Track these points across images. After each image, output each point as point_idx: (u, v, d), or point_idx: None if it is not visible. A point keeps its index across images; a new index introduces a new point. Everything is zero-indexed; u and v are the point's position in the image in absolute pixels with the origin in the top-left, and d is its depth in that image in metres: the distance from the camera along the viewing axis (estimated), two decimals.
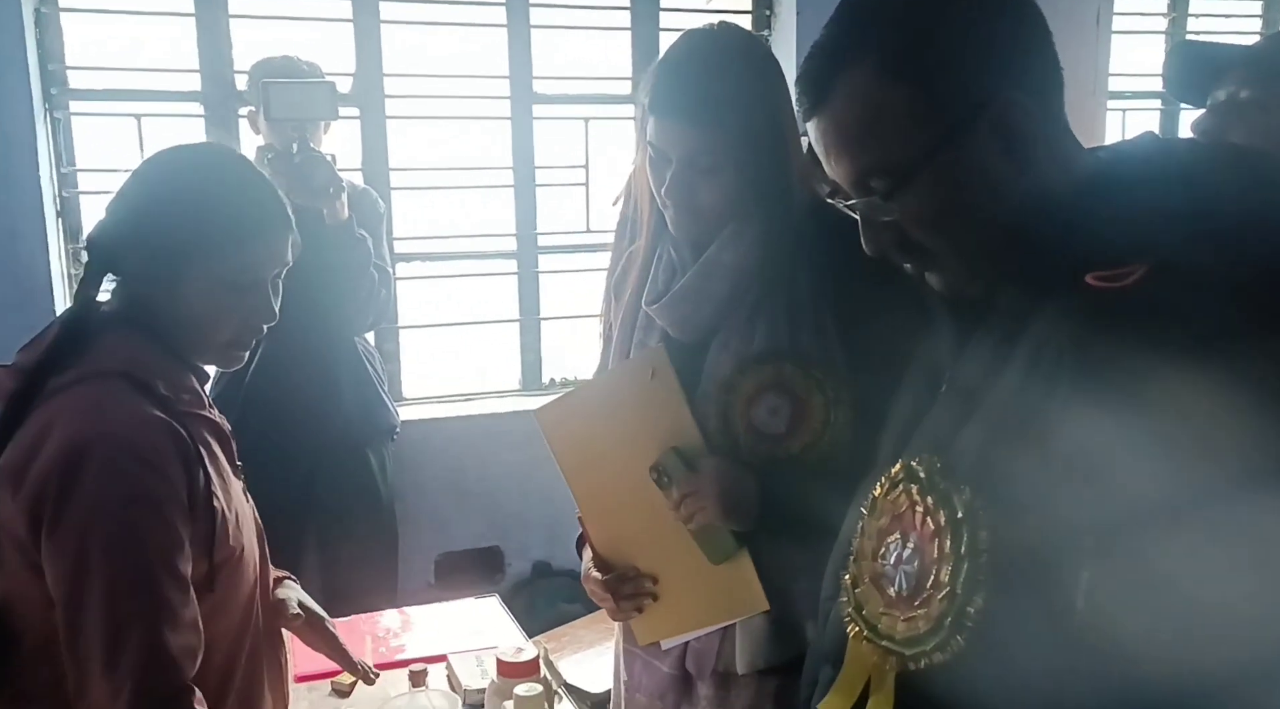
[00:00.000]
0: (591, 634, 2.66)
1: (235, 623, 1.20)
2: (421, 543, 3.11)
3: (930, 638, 0.76)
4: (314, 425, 2.55)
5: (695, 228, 1.37)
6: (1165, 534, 0.66)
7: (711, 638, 1.41)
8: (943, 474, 0.79)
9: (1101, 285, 0.72)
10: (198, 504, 1.12)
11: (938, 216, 0.83)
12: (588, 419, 1.45)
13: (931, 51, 0.80)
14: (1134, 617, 0.67)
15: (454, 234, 3.32)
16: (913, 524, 0.81)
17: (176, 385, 1.18)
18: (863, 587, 0.86)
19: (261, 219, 1.20)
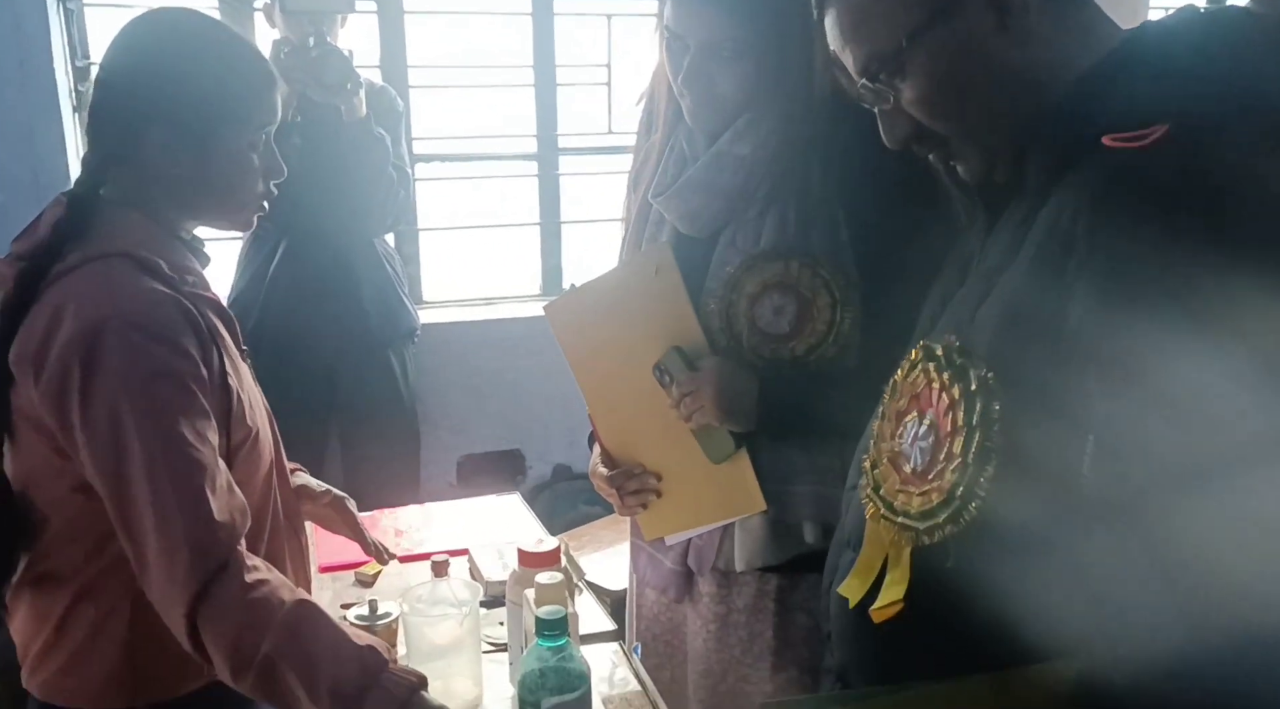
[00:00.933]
0: (611, 534, 2.70)
1: (254, 505, 1.21)
2: (443, 444, 3.14)
3: (942, 510, 0.77)
4: (335, 326, 2.56)
5: (713, 118, 1.33)
6: (1169, 410, 0.65)
7: (712, 536, 1.42)
8: (960, 352, 0.79)
9: (1119, 146, 0.70)
10: (215, 381, 1.13)
11: (938, 97, 0.83)
12: (594, 316, 1.44)
13: None
14: (1138, 479, 0.67)
15: (473, 135, 3.27)
16: (929, 401, 0.81)
17: (179, 266, 1.17)
18: (881, 467, 0.86)
19: (265, 72, 1.20)
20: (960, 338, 0.80)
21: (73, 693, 1.18)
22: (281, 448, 1.35)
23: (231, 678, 1.06)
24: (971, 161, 0.86)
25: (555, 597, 1.13)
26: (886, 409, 0.88)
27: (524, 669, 1.06)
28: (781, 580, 1.40)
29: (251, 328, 2.47)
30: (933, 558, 0.78)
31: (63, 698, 1.18)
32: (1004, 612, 0.71)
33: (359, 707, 1.04)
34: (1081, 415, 0.69)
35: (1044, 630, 0.70)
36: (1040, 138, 0.81)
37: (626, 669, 1.42)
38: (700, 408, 1.33)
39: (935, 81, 0.82)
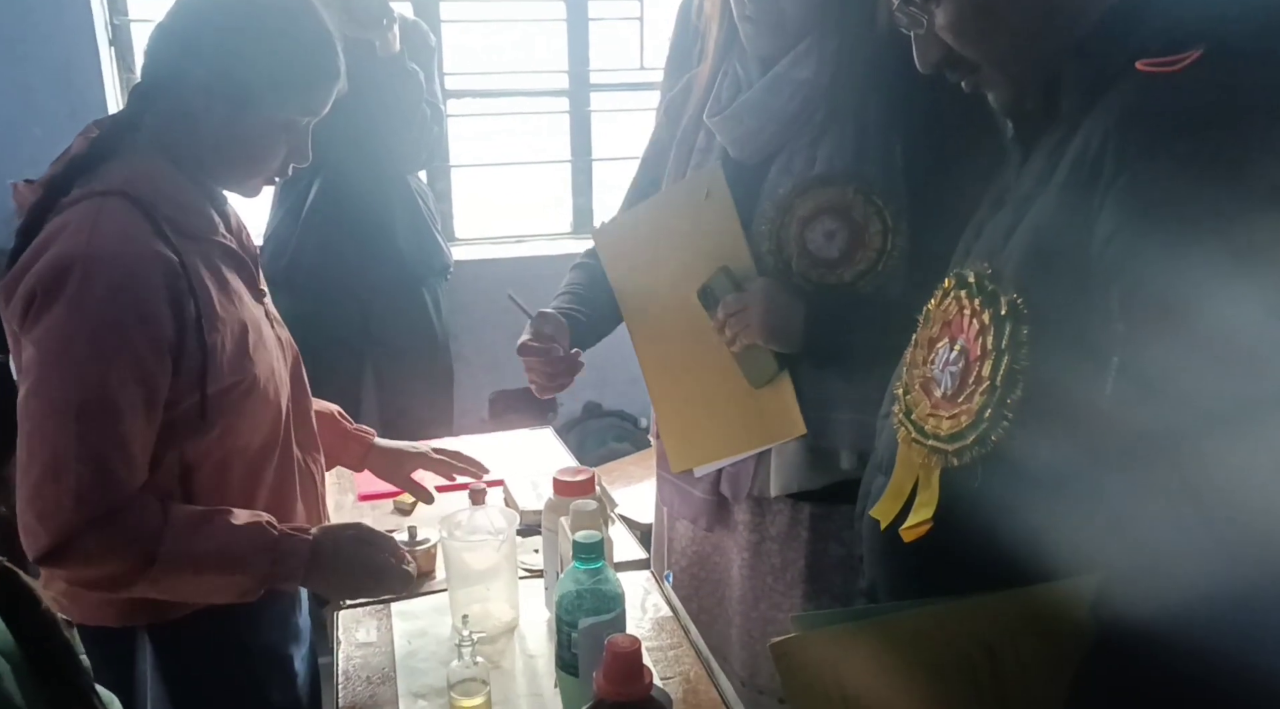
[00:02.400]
0: (640, 469, 2.74)
1: (254, 446, 1.24)
2: (476, 380, 3.18)
3: (971, 431, 0.79)
4: (369, 262, 2.58)
5: (774, 39, 1.32)
6: (1192, 337, 0.66)
7: (747, 462, 1.43)
8: (991, 278, 0.81)
9: (1152, 70, 0.71)
10: (186, 338, 1.13)
11: (969, 23, 0.84)
12: (642, 239, 1.45)
13: None
14: (1162, 404, 0.68)
15: (505, 70, 3.25)
16: (960, 328, 0.82)
17: (186, 208, 1.18)
18: (913, 392, 0.88)
19: (329, 66, 1.20)
20: (992, 264, 0.82)
21: (71, 609, 1.20)
22: (305, 387, 1.38)
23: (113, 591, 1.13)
24: (1001, 89, 0.87)
25: (591, 522, 1.16)
26: (920, 336, 0.89)
27: (560, 591, 1.10)
28: (815, 509, 1.42)
29: (286, 264, 2.50)
30: (961, 480, 0.80)
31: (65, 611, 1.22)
32: (1028, 532, 0.73)
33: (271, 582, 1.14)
34: (1105, 339, 0.70)
35: (1065, 551, 0.72)
36: (1073, 65, 0.81)
37: (658, 595, 1.45)
38: (746, 327, 1.34)
39: (967, 7, 0.83)
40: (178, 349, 1.12)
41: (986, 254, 0.84)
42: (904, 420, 0.88)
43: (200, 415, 1.15)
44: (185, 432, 1.16)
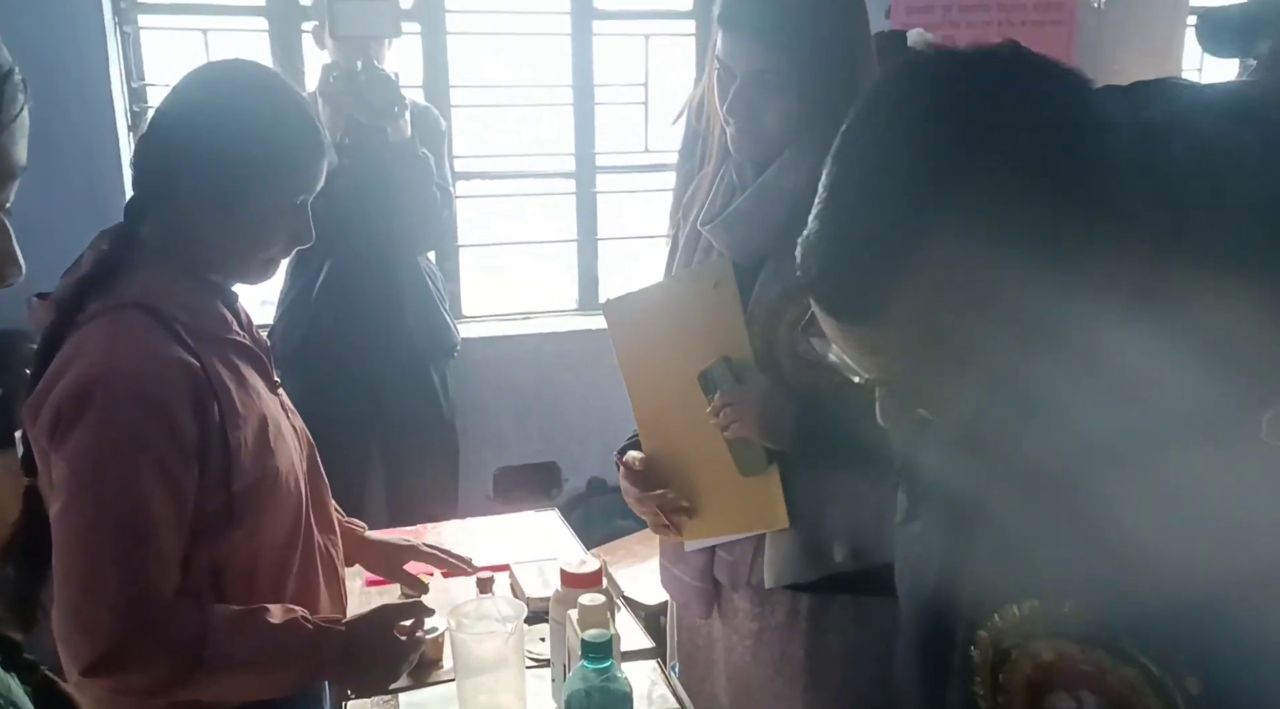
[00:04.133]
0: (645, 549, 2.73)
1: (280, 538, 1.25)
2: (481, 457, 3.19)
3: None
4: (378, 342, 2.61)
5: (755, 147, 1.37)
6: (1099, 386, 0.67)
7: (745, 551, 1.45)
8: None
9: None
10: (211, 440, 1.15)
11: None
12: (650, 317, 1.49)
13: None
14: (1149, 527, 0.67)
15: (513, 153, 3.33)
16: (1080, 681, 0.74)
17: (199, 310, 1.20)
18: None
19: (312, 142, 1.22)
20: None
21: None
22: (321, 473, 1.40)
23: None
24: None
25: (598, 619, 1.17)
26: (995, 660, 0.82)
27: (569, 690, 1.10)
28: (813, 600, 1.43)
29: (298, 344, 2.54)
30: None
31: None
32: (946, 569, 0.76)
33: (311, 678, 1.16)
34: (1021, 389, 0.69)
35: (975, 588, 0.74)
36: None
37: (665, 687, 1.45)
38: (740, 420, 1.37)
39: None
40: (203, 452, 1.15)
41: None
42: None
43: (227, 514, 1.17)
44: (214, 531, 1.18)
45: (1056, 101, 0.66)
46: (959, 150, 0.65)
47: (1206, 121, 0.71)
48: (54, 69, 2.63)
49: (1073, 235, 0.64)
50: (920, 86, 0.69)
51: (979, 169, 0.64)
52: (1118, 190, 0.66)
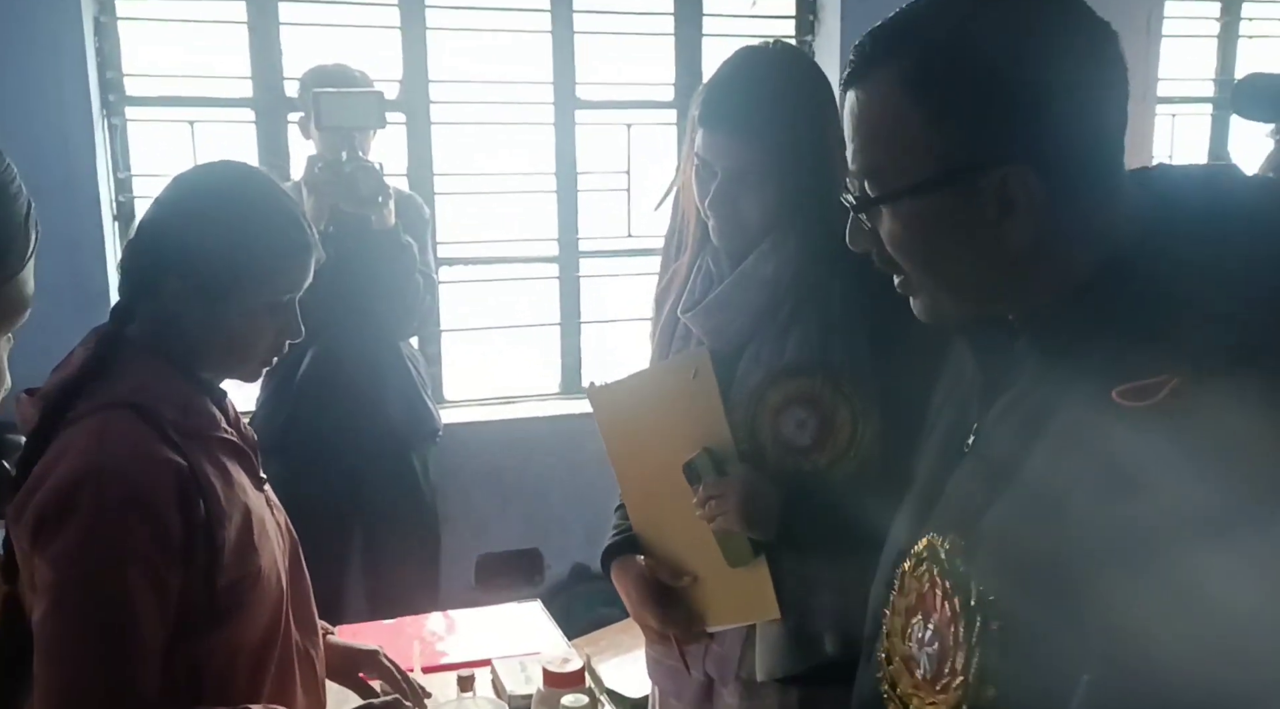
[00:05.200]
0: (628, 638, 2.68)
1: (258, 637, 1.23)
2: (463, 544, 3.15)
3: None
4: (361, 429, 2.60)
5: (737, 239, 1.39)
6: (1168, 657, 0.65)
7: (734, 644, 1.43)
8: (964, 557, 0.78)
9: (1126, 404, 0.69)
10: (196, 539, 1.14)
11: (913, 251, 0.81)
12: (633, 406, 1.49)
13: (952, 87, 0.75)
14: (1152, 628, 0.66)
15: (497, 239, 3.36)
16: (933, 605, 0.80)
17: (188, 409, 1.20)
18: (895, 664, 0.86)
19: (298, 243, 1.24)
20: (964, 539, 0.79)
21: None
22: (304, 571, 1.37)
23: None
24: (921, 305, 0.85)
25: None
26: (896, 603, 0.87)
27: None
28: (803, 692, 1.40)
29: (279, 432, 2.51)
30: None
31: None
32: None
33: None
34: (1077, 653, 0.68)
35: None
36: (1038, 336, 0.80)
37: None
38: (724, 512, 1.36)
39: (918, 234, 0.80)
40: (188, 552, 1.13)
41: (959, 519, 0.82)
42: (890, 693, 0.87)
43: (210, 612, 1.15)
44: (194, 630, 1.15)
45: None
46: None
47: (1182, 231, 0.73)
48: (40, 160, 2.64)
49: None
50: None
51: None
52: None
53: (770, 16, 3.47)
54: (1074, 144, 0.75)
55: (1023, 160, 0.74)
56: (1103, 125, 0.76)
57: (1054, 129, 0.74)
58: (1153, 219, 0.77)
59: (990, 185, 0.75)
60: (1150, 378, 0.68)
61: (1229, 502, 0.65)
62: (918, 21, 0.78)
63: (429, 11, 3.06)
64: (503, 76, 3.25)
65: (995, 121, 0.74)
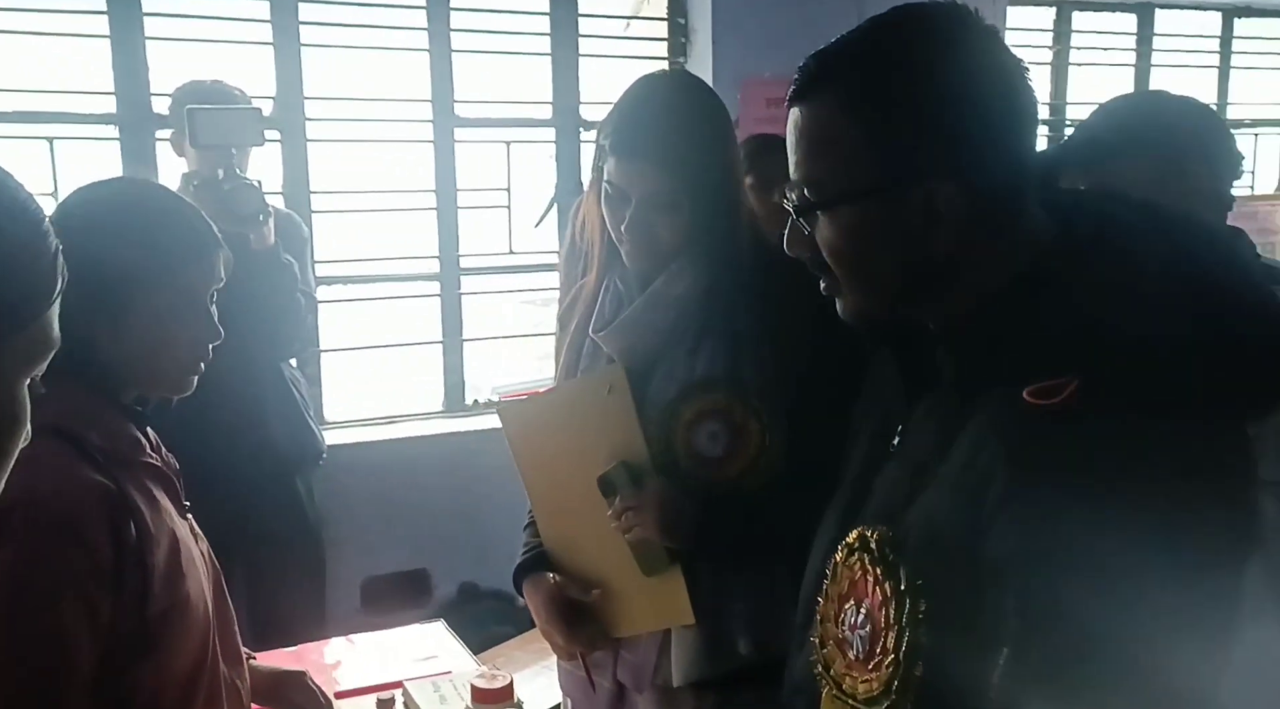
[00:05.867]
0: (525, 654, 2.69)
1: (185, 669, 1.21)
2: (348, 568, 3.09)
3: (884, 698, 0.84)
4: (242, 454, 2.52)
5: (650, 262, 1.44)
6: (1082, 645, 0.73)
7: (649, 652, 1.47)
8: (891, 546, 0.85)
9: (1035, 402, 0.76)
10: (126, 565, 1.12)
11: (846, 255, 0.88)
12: (546, 422, 1.53)
13: (889, 107, 0.83)
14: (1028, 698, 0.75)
15: (376, 257, 3.32)
16: (865, 591, 0.87)
17: (113, 435, 1.17)
18: (828, 648, 0.92)
19: (193, 242, 1.22)
20: (892, 530, 0.86)
21: None
22: (228, 600, 1.35)
23: None
24: (847, 306, 0.92)
25: None
26: (829, 590, 0.93)
27: None
28: (719, 696, 1.45)
29: None
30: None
31: None
32: None
33: None
34: (997, 631, 0.76)
35: None
36: (956, 342, 0.88)
37: None
38: (642, 522, 1.40)
39: (851, 242, 0.87)
40: (119, 577, 1.11)
41: (885, 516, 0.89)
42: (824, 674, 0.92)
43: (140, 642, 1.13)
44: (123, 660, 1.12)
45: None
46: None
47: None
48: None
49: None
50: None
51: None
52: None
53: (644, 38, 3.56)
54: (993, 163, 0.83)
55: (947, 176, 0.82)
56: (1017, 148, 0.85)
57: (976, 149, 0.83)
58: (1055, 236, 0.86)
59: (918, 197, 0.83)
60: (1056, 379, 0.76)
61: (1126, 490, 0.73)
62: (857, 49, 0.86)
63: (303, 28, 3.01)
64: (380, 94, 3.23)
65: (924, 140, 0.83)
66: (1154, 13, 4.34)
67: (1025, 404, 0.77)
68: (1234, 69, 4.59)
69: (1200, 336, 0.77)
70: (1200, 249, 0.83)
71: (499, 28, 3.31)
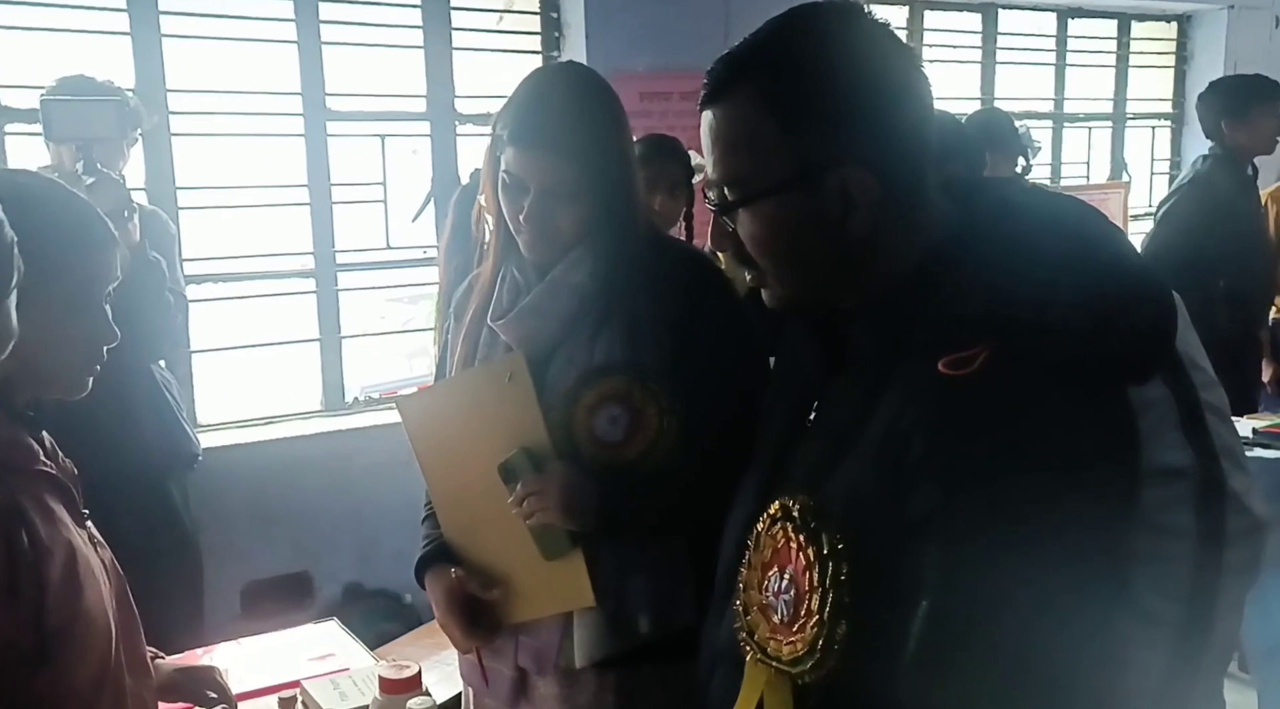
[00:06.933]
0: (417, 649, 2.67)
1: (88, 682, 1.17)
2: (226, 573, 3.01)
3: (808, 658, 0.88)
4: (110, 457, 2.40)
5: (550, 251, 1.46)
6: (990, 598, 0.80)
7: (551, 633, 1.50)
8: (814, 514, 0.91)
9: (949, 373, 0.82)
10: (20, 578, 1.08)
11: (768, 245, 0.93)
12: (446, 413, 1.53)
13: (803, 100, 0.88)
14: (954, 658, 0.81)
15: (247, 254, 3.23)
16: (789, 558, 0.92)
17: (6, 443, 1.13)
18: (752, 614, 0.97)
19: (86, 238, 1.18)
20: (814, 500, 0.91)
21: None
22: (132, 610, 1.31)
23: None
24: (775, 295, 0.98)
25: None
26: (752, 559, 0.97)
27: None
28: (620, 674, 1.49)
29: None
30: (809, 692, 0.90)
31: None
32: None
33: None
34: (917, 585, 0.82)
35: None
36: (872, 320, 0.93)
37: None
38: (544, 507, 1.42)
39: (772, 232, 0.92)
40: (13, 589, 1.07)
41: (807, 485, 0.93)
42: (748, 640, 0.96)
43: (37, 656, 1.08)
44: (20, 673, 1.08)
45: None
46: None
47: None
48: None
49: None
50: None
51: None
52: None
53: (517, 32, 3.56)
54: (899, 150, 0.90)
55: (859, 162, 0.88)
56: (919, 135, 0.91)
57: (883, 137, 0.89)
58: (959, 218, 0.93)
59: (833, 185, 0.88)
60: (967, 351, 0.83)
61: (1032, 447, 0.81)
62: (765, 49, 0.91)
63: (163, 18, 2.90)
64: (248, 86, 3.14)
65: (835, 130, 0.88)
66: (997, 13, 4.60)
67: (940, 374, 0.83)
68: (1069, 67, 4.91)
69: (1092, 308, 0.83)
70: (1088, 229, 0.91)
71: (369, 20, 3.26)
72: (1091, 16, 4.90)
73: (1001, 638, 0.79)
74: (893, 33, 0.92)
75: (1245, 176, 3.56)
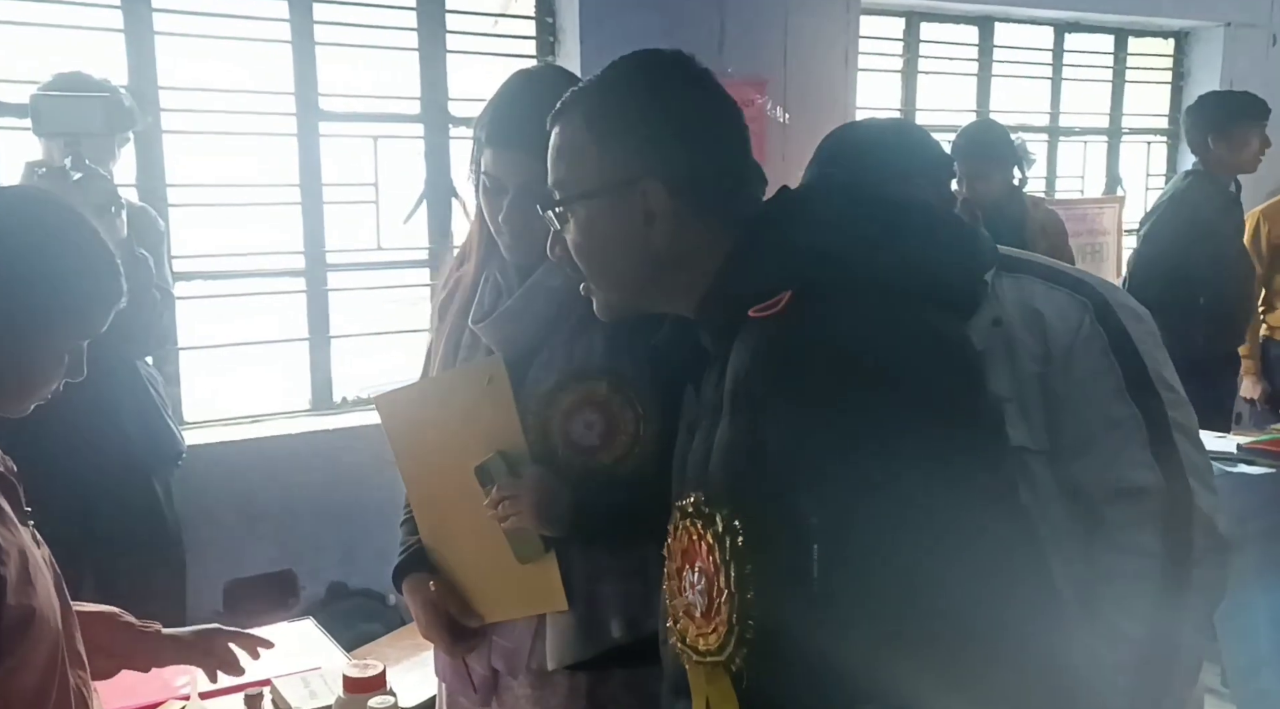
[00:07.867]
0: (396, 650, 2.68)
1: (35, 679, 1.17)
2: (209, 571, 3.01)
3: (730, 637, 0.90)
4: (94, 453, 2.43)
5: (530, 252, 1.46)
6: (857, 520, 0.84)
7: (524, 636, 1.50)
8: (705, 502, 0.95)
9: (760, 315, 0.92)
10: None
11: (586, 251, 1.05)
12: (424, 413, 1.54)
13: (613, 123, 1.03)
14: (850, 591, 0.84)
15: (238, 252, 3.23)
16: (696, 553, 0.95)
17: None
18: (680, 620, 0.99)
19: (107, 293, 1.20)
20: (704, 491, 0.96)
21: None
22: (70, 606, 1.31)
23: None
24: (599, 302, 1.09)
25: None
26: (669, 570, 1.01)
27: None
28: (592, 677, 1.49)
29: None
30: (748, 686, 0.91)
31: None
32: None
33: None
34: (804, 534, 0.86)
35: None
36: (708, 314, 1.02)
37: None
38: (518, 511, 1.43)
39: (586, 237, 1.04)
40: None
41: (697, 482, 0.99)
42: (682, 646, 0.98)
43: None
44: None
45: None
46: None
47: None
48: None
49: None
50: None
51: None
52: None
53: (512, 36, 3.57)
54: (696, 170, 1.02)
55: (656, 177, 1.00)
56: (723, 158, 1.04)
57: (678, 157, 1.01)
58: (763, 217, 1.03)
59: (635, 195, 1.01)
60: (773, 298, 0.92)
61: (844, 377, 0.87)
62: (598, 81, 1.08)
63: (156, 15, 2.91)
64: (241, 85, 3.14)
65: (638, 147, 1.02)
66: (994, 26, 4.61)
67: (753, 321, 0.92)
68: (1065, 81, 4.93)
69: (888, 252, 0.94)
70: (913, 207, 1.03)
71: (364, 21, 3.26)
72: (1088, 31, 4.92)
73: (886, 558, 0.83)
74: (711, 78, 1.06)
75: (1227, 193, 3.57)
